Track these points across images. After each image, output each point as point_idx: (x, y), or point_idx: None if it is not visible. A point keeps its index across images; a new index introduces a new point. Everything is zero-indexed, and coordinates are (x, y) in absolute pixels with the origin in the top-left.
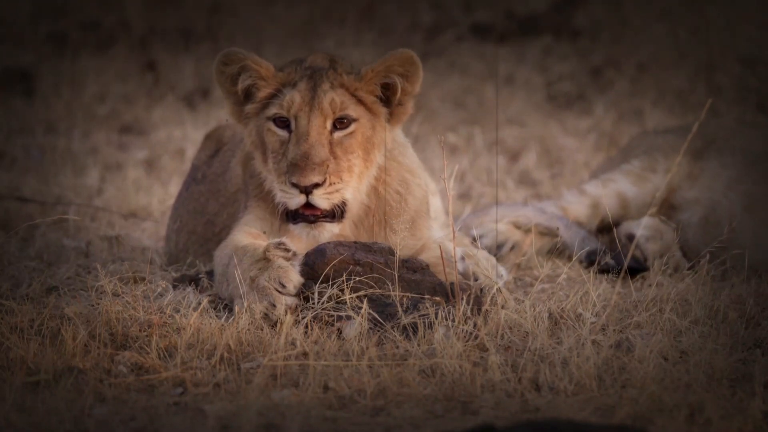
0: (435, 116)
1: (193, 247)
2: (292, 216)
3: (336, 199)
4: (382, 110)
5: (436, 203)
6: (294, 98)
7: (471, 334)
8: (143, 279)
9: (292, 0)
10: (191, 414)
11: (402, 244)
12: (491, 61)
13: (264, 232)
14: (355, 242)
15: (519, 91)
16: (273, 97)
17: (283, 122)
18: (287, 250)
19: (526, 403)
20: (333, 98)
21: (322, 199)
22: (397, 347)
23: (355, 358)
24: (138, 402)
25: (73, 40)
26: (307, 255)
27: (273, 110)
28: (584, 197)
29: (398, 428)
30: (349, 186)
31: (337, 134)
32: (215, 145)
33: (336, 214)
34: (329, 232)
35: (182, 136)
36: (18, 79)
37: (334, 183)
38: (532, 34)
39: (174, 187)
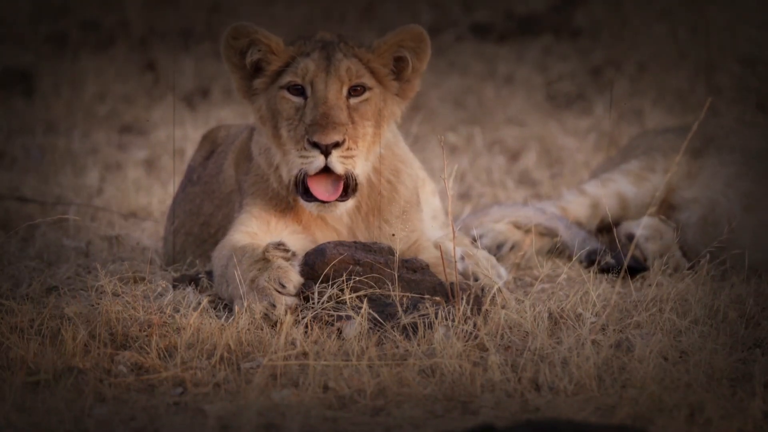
0: (435, 116)
1: (190, 248)
2: (304, 192)
3: (350, 165)
4: (393, 84)
5: (436, 203)
6: (308, 66)
7: (471, 334)
8: (143, 279)
9: (292, 0)
10: (191, 414)
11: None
12: (491, 60)
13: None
14: (355, 242)
15: (519, 91)
16: (284, 69)
17: (297, 90)
18: (286, 251)
19: (526, 403)
20: (349, 66)
21: (338, 162)
22: (397, 347)
23: (355, 358)
24: (138, 402)
25: (73, 40)
26: (306, 255)
27: (287, 78)
28: (584, 197)
29: (398, 428)
30: (361, 155)
31: (353, 100)
32: (210, 146)
33: (348, 190)
34: (341, 209)
35: (182, 136)
36: (18, 79)
37: (351, 148)
38: (531, 33)
39: (174, 187)
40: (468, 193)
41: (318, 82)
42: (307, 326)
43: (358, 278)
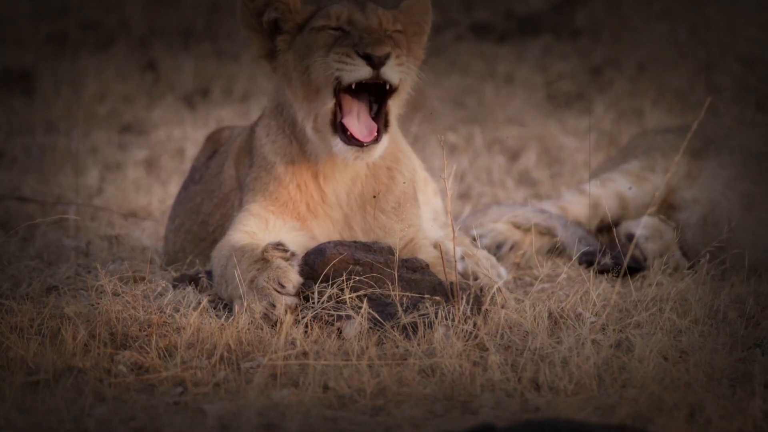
0: (435, 116)
1: (189, 247)
2: (342, 132)
3: (403, 74)
4: (416, 49)
5: (438, 203)
6: (341, 9)
7: (471, 333)
8: (143, 279)
9: None
10: (191, 414)
11: (388, 227)
12: (491, 60)
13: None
14: (355, 242)
15: (519, 91)
16: (308, 20)
17: (332, 30)
18: (285, 251)
19: (526, 402)
20: (384, 12)
21: (395, 71)
22: (397, 347)
23: (355, 357)
24: (138, 402)
25: (73, 40)
26: (306, 255)
27: (320, 22)
28: (584, 197)
29: (398, 428)
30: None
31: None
32: (213, 146)
33: (380, 134)
34: (378, 151)
35: (182, 135)
36: (18, 79)
37: (400, 56)
38: (531, 33)
39: (174, 187)
40: (468, 193)
41: (356, 17)
42: (307, 326)
43: (358, 278)
